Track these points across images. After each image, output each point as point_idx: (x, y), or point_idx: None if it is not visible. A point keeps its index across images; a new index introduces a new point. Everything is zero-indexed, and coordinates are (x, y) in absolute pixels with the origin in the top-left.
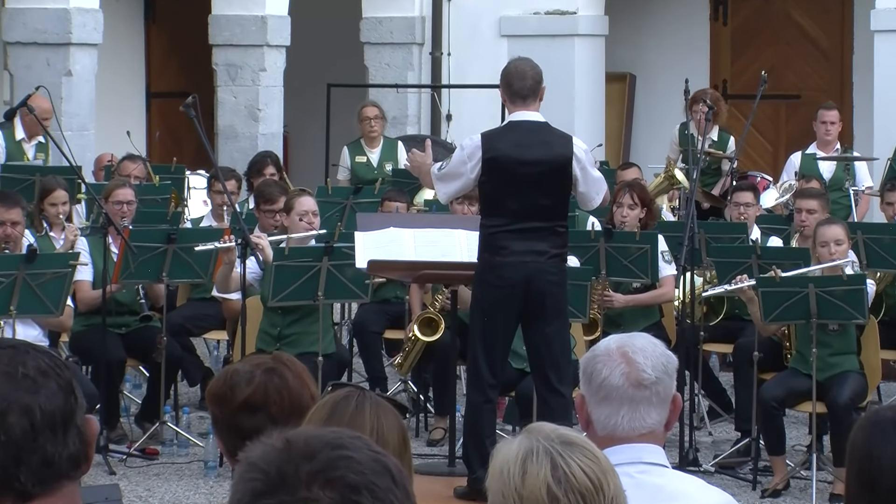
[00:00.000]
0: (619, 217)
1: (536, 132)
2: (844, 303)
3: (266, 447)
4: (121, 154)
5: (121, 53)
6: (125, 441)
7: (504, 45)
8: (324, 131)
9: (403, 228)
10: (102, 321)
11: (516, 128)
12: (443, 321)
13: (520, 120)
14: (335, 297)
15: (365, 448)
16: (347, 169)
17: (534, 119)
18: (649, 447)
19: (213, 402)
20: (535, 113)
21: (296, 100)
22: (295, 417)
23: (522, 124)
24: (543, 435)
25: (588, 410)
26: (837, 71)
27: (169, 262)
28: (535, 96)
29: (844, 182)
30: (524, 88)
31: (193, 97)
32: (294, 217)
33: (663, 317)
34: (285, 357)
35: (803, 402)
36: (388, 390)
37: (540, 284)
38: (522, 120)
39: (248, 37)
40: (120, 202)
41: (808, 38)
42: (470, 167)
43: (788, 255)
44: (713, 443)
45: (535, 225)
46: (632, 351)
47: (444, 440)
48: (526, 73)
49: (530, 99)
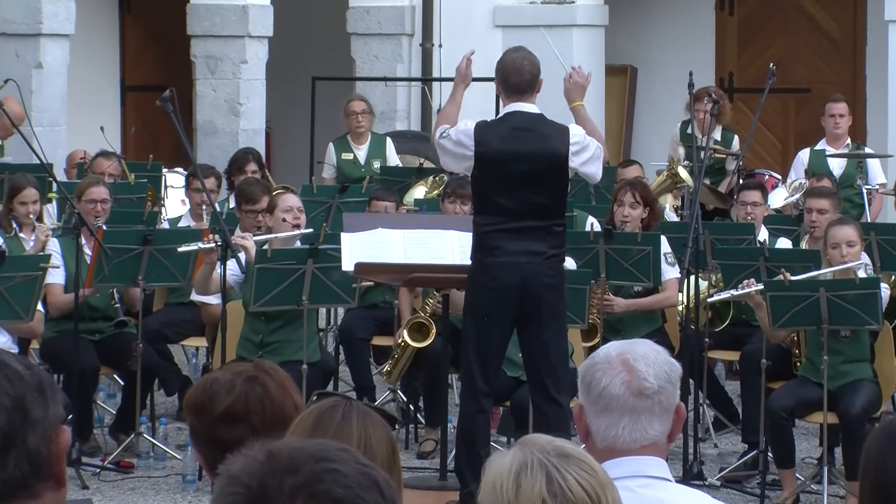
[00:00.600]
0: (620, 217)
1: (532, 125)
2: (857, 308)
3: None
4: (94, 151)
5: (94, 44)
6: (99, 454)
7: (498, 36)
8: (308, 127)
9: (392, 229)
10: (75, 327)
11: (511, 120)
12: (434, 326)
13: (514, 111)
14: (320, 301)
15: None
16: (333, 167)
17: (529, 111)
18: (651, 460)
19: (192, 413)
20: (531, 105)
21: (279, 93)
22: (278, 428)
23: (517, 116)
24: (538, 447)
25: (587, 421)
26: (850, 63)
27: (145, 264)
28: (532, 90)
29: (856, 179)
30: (521, 83)
31: (171, 91)
32: (278, 215)
33: (666, 322)
34: (267, 365)
35: (814, 412)
36: (376, 400)
37: (536, 287)
38: (517, 111)
39: (228, 27)
40: (93, 201)
41: (819, 28)
42: (460, 153)
43: (798, 258)
44: (719, 455)
45: (530, 224)
46: (633, 358)
47: (435, 452)
48: (523, 67)
49: (527, 93)
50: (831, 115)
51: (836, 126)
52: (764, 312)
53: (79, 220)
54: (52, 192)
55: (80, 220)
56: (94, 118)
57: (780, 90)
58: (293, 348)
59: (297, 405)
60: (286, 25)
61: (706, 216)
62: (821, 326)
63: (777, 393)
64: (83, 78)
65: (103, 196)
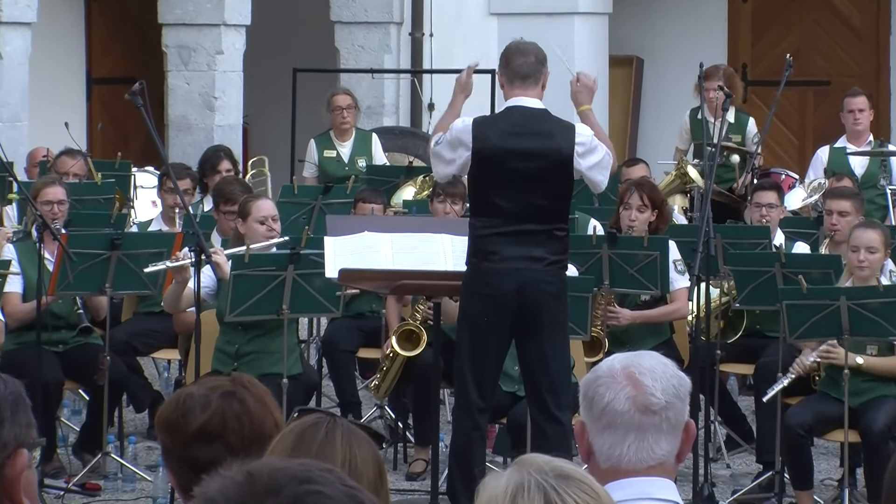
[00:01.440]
0: (627, 221)
1: (534, 120)
2: (880, 317)
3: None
4: (58, 148)
5: (58, 33)
6: (63, 475)
7: (494, 25)
8: (289, 122)
9: (379, 233)
10: (37, 338)
11: (511, 114)
12: (424, 334)
13: (516, 105)
14: (302, 310)
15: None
16: (315, 165)
17: (532, 105)
18: (659, 481)
19: (164, 431)
20: (535, 99)
21: (257, 86)
22: (256, 447)
23: (518, 110)
24: (536, 467)
25: (589, 439)
26: (872, 53)
27: (113, 271)
28: (537, 79)
29: (879, 179)
30: (525, 66)
31: (141, 83)
32: (252, 224)
33: (674, 333)
34: (245, 379)
35: (834, 429)
36: (362, 416)
37: (535, 295)
38: (519, 105)
39: (202, 15)
40: (49, 202)
41: (839, 15)
42: (457, 154)
43: (817, 263)
44: (731, 476)
45: (530, 227)
46: (639, 372)
47: (425, 473)
48: (528, 49)
49: (530, 81)
50: (850, 110)
51: (855, 122)
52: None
53: (41, 223)
54: (13, 193)
55: (42, 224)
56: (57, 113)
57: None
58: (272, 360)
59: (278, 422)
60: (265, 13)
61: (717, 217)
62: (842, 337)
63: (794, 409)
64: (46, 70)
65: (60, 197)
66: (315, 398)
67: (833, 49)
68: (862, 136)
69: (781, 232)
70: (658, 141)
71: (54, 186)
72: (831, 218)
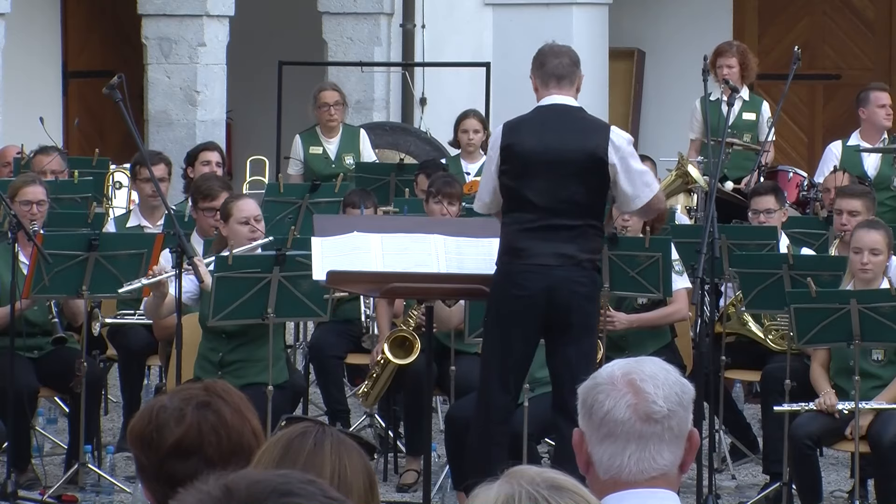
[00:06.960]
0: (621, 221)
1: (567, 117)
2: (892, 322)
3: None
4: (32, 145)
5: (32, 25)
6: (37, 486)
7: (488, 16)
8: (274, 117)
9: (369, 233)
10: (11, 343)
11: (544, 111)
12: (418, 341)
13: (548, 104)
14: (288, 314)
15: (319, 494)
16: (300, 162)
17: (566, 103)
18: (661, 493)
19: (137, 446)
20: (569, 98)
21: (241, 80)
22: (235, 459)
23: (552, 107)
24: (527, 479)
25: (588, 449)
26: (885, 46)
27: (90, 272)
28: (571, 80)
29: (892, 181)
30: (560, 67)
31: (119, 77)
32: (234, 225)
33: (676, 337)
34: (219, 387)
35: (843, 440)
36: (350, 425)
37: (565, 296)
38: (551, 104)
39: (184, 5)
40: (28, 202)
41: (850, 7)
42: (494, 167)
43: (826, 265)
44: (737, 488)
45: (561, 222)
46: (640, 379)
47: (417, 484)
48: (562, 51)
49: (566, 81)
50: (881, 104)
51: (887, 117)
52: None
53: (16, 223)
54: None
55: (17, 224)
56: (32, 108)
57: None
58: (257, 368)
59: (255, 430)
60: (249, 3)
61: (722, 217)
62: (852, 343)
63: (801, 419)
64: (20, 63)
65: (39, 197)
66: (302, 406)
67: (843, 42)
68: (881, 132)
69: (786, 236)
70: (660, 136)
71: (34, 185)
72: (841, 218)
